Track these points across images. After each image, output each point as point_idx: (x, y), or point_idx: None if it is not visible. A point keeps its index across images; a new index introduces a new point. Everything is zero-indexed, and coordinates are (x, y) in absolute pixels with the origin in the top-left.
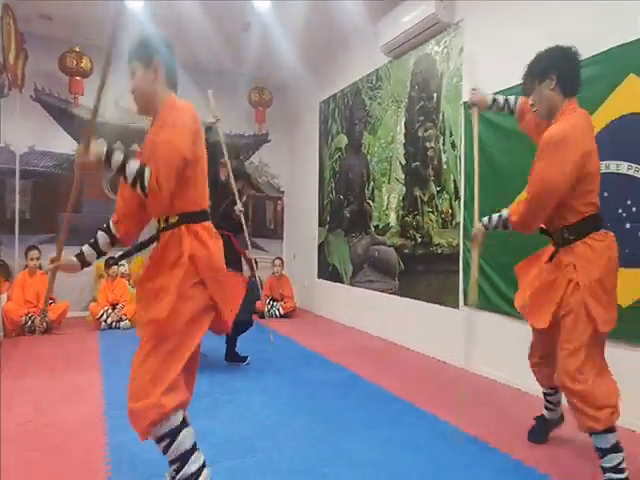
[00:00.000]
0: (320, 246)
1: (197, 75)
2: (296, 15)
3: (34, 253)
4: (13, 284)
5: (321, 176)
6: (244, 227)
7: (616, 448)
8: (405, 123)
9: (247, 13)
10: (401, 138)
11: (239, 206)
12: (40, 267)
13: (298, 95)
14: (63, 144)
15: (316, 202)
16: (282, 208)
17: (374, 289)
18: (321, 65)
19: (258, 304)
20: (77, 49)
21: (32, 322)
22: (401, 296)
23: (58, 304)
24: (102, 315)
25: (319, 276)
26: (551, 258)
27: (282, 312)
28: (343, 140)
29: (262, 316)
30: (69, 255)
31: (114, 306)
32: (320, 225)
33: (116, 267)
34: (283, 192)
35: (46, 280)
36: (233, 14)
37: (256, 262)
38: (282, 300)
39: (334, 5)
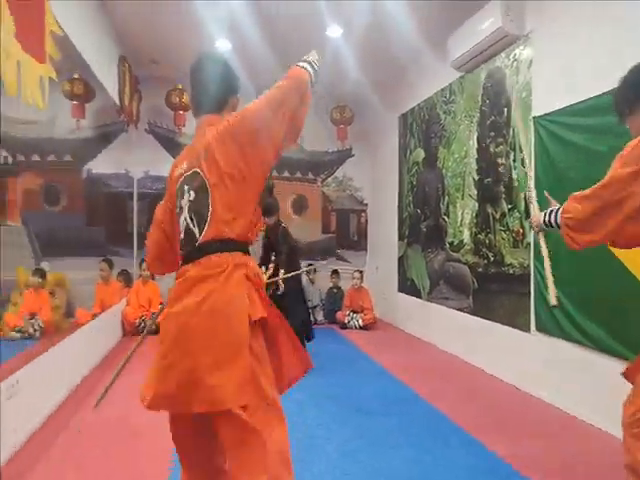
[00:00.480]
0: (400, 259)
1: None
2: (369, 37)
3: (146, 265)
4: (130, 291)
5: (400, 189)
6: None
7: None
8: (477, 138)
9: (322, 41)
10: (474, 153)
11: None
12: (152, 277)
13: (378, 111)
14: None
15: (395, 215)
16: (366, 220)
17: (449, 306)
18: (398, 81)
19: (339, 315)
20: (180, 87)
21: (144, 324)
22: (474, 315)
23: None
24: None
25: (399, 289)
26: None
27: (362, 324)
28: (420, 154)
29: (343, 326)
30: None
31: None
32: (400, 239)
33: None
34: (366, 205)
35: (156, 288)
36: (308, 41)
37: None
38: (362, 312)
39: (404, 23)
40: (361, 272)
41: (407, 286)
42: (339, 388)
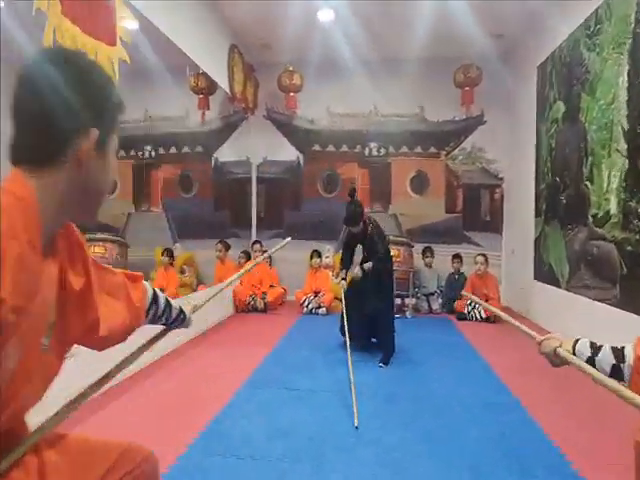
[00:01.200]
0: (536, 241)
1: (396, 67)
2: None
3: (257, 247)
4: None
5: (538, 156)
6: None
7: None
8: (629, 73)
9: None
10: (623, 95)
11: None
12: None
13: (511, 65)
14: (288, 153)
15: (532, 188)
16: (501, 196)
17: (591, 297)
18: (532, 24)
19: (458, 304)
20: (290, 68)
21: (254, 302)
22: (621, 309)
23: (276, 288)
24: (304, 301)
25: (535, 277)
26: None
27: (484, 315)
28: (560, 108)
29: (461, 317)
30: None
31: (316, 294)
32: (536, 215)
33: (319, 259)
34: (502, 179)
35: (267, 269)
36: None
37: None
38: (486, 301)
39: None
40: (485, 256)
41: (544, 272)
42: (421, 386)
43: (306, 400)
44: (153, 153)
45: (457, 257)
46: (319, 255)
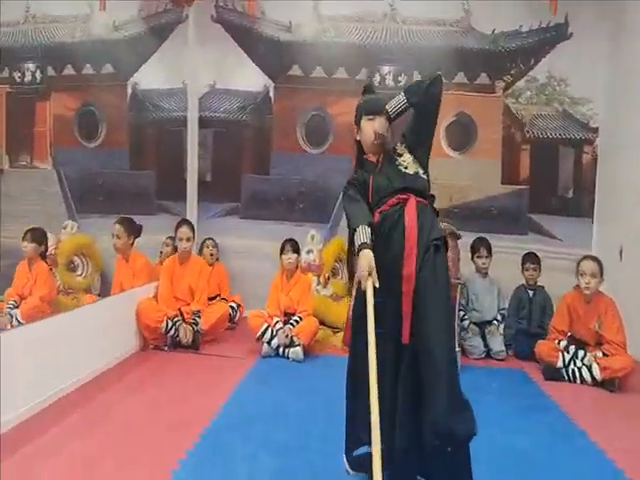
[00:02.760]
0: None
1: None
2: None
3: (184, 231)
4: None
5: None
6: None
7: None
8: None
9: None
10: None
11: None
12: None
13: None
14: (249, 79)
15: None
16: (594, 159)
17: None
18: None
19: (543, 348)
20: None
21: (177, 330)
22: None
23: (219, 305)
24: (265, 332)
25: None
26: None
27: (597, 375)
28: None
29: (552, 375)
30: None
31: (288, 317)
32: None
33: (294, 255)
34: (596, 130)
35: (204, 265)
36: None
37: None
38: (597, 347)
39: None
40: (598, 262)
41: None
42: None
43: None
44: (38, 75)
45: (531, 258)
46: (295, 249)
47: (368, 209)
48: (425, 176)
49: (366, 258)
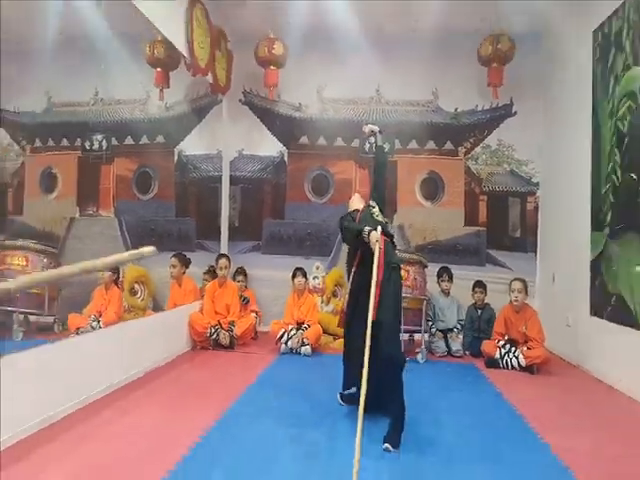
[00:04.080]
0: (595, 263)
1: (406, 41)
2: None
3: (223, 262)
4: (205, 294)
5: (595, 149)
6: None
7: None
8: None
9: None
10: None
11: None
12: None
13: (554, 35)
14: (269, 147)
15: (587, 192)
16: (535, 207)
17: None
18: None
19: (487, 346)
20: (271, 35)
21: (217, 335)
22: None
23: (247, 318)
24: (282, 336)
25: (594, 312)
26: None
27: (523, 363)
28: (636, 77)
29: (492, 364)
30: None
31: (299, 325)
32: (595, 229)
33: (303, 279)
34: (537, 184)
35: (235, 289)
36: None
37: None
38: (524, 344)
39: None
40: (524, 282)
41: (609, 306)
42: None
43: None
44: (104, 144)
45: (479, 285)
46: (304, 274)
47: None
48: (385, 222)
49: (375, 234)
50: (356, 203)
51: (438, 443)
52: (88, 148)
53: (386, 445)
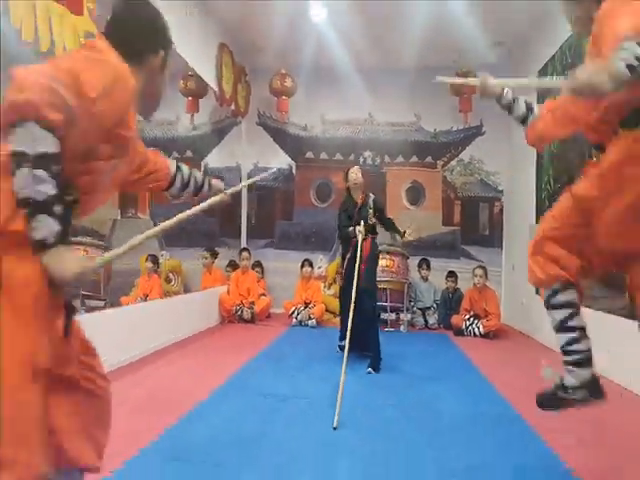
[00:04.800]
0: None
1: (393, 74)
2: None
3: (245, 254)
4: (231, 279)
5: (538, 165)
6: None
7: None
8: None
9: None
10: None
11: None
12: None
13: (511, 72)
14: (280, 160)
15: (533, 199)
16: (500, 210)
17: (599, 309)
18: (535, 27)
19: (455, 319)
20: (283, 71)
21: (241, 312)
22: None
23: (265, 298)
24: (294, 312)
25: (538, 292)
26: None
27: (482, 331)
28: None
29: (459, 333)
30: None
31: (306, 305)
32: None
33: (310, 268)
34: (501, 191)
35: (255, 278)
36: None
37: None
38: (485, 317)
39: None
40: (484, 268)
41: None
42: (423, 406)
43: (281, 408)
44: None
45: (452, 275)
46: (310, 264)
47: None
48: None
49: (359, 228)
50: (355, 174)
51: (412, 377)
52: None
53: (369, 369)
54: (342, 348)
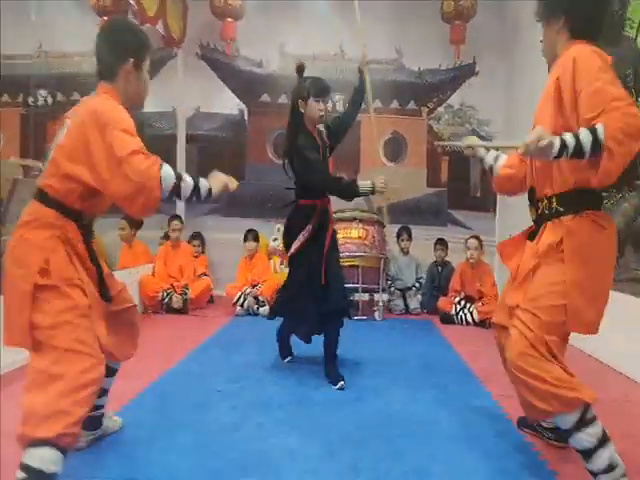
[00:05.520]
0: None
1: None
2: None
3: (175, 223)
4: (156, 257)
5: None
6: None
7: None
8: None
9: None
10: None
11: None
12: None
13: None
14: (227, 104)
15: None
16: None
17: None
18: None
19: (442, 303)
20: None
21: (170, 299)
22: None
23: (203, 280)
24: (239, 298)
25: None
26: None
27: (477, 318)
28: None
29: (447, 319)
30: None
31: (254, 287)
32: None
33: (254, 243)
34: None
35: (191, 252)
36: None
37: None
38: (479, 300)
39: None
40: (479, 239)
41: None
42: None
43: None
44: (49, 99)
45: (441, 243)
46: (255, 237)
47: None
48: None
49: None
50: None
51: (388, 390)
52: (31, 104)
53: (340, 383)
54: (284, 354)
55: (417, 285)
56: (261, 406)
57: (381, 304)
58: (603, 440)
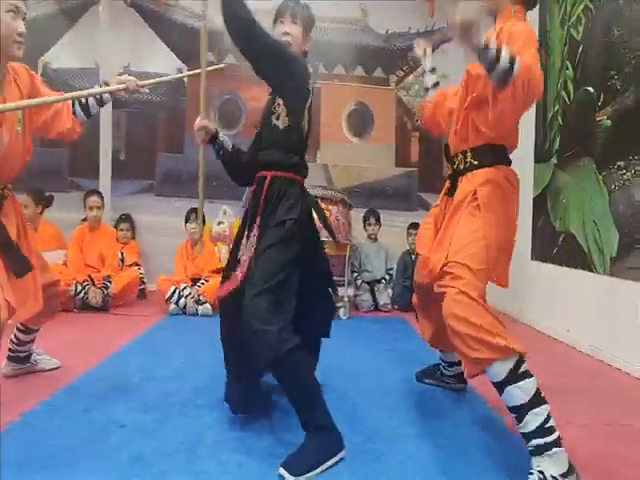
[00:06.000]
0: (538, 200)
1: None
2: None
3: (93, 200)
4: (70, 242)
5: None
6: None
7: None
8: None
9: None
10: None
11: None
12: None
13: None
14: (163, 63)
15: (531, 121)
16: None
17: None
18: None
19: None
20: None
21: (86, 294)
22: None
23: (129, 272)
24: (173, 295)
25: (535, 256)
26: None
27: None
28: None
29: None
30: None
31: (194, 282)
32: (539, 160)
33: (194, 225)
34: None
35: (113, 235)
36: None
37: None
38: None
39: None
40: None
41: (556, 247)
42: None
43: None
44: None
45: (415, 228)
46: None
47: None
48: None
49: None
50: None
51: (356, 417)
52: None
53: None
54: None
55: (387, 277)
56: (183, 450)
57: (346, 300)
58: (537, 401)
